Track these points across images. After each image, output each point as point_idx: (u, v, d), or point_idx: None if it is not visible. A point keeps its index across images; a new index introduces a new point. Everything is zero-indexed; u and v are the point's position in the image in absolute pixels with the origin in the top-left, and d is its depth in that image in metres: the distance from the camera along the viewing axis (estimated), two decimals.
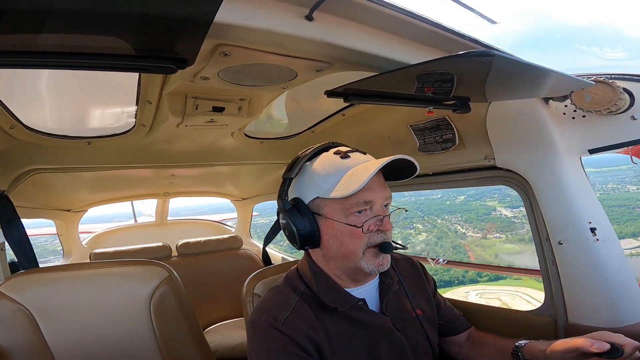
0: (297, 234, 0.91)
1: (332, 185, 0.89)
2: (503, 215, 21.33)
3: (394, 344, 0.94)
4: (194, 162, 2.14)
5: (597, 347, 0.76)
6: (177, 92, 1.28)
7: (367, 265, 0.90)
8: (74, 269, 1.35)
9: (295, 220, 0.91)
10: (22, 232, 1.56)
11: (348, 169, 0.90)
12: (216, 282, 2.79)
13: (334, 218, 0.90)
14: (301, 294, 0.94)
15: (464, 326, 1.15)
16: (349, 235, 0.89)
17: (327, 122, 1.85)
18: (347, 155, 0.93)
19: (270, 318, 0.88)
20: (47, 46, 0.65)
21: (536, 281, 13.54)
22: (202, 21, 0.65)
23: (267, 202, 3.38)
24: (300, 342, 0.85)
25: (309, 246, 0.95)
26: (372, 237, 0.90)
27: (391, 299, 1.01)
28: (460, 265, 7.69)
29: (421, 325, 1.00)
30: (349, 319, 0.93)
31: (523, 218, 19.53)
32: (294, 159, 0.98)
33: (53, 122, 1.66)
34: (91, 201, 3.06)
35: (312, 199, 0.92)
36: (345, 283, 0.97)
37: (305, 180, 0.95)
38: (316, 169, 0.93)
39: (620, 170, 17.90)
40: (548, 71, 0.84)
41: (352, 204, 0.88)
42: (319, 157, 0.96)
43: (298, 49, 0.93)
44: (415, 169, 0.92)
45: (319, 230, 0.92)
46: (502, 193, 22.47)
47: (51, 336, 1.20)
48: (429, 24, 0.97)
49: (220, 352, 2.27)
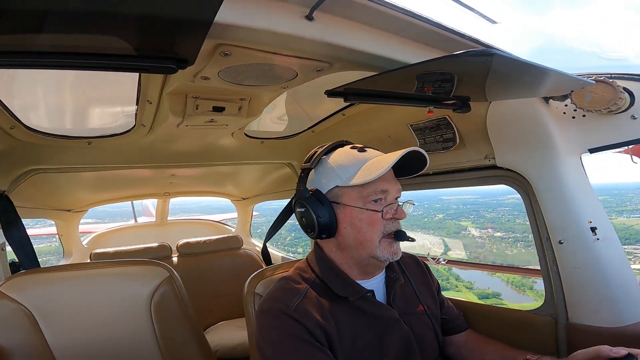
0: (316, 222, 0.94)
1: (352, 174, 0.93)
2: (470, 235, 23.50)
3: (401, 336, 0.95)
4: (194, 162, 2.14)
5: (615, 351, 0.79)
6: (177, 92, 1.28)
7: (383, 253, 0.93)
8: (75, 269, 1.35)
9: (315, 207, 0.94)
10: (23, 232, 1.56)
11: (367, 160, 0.95)
12: (216, 282, 2.79)
13: (353, 205, 0.93)
14: (312, 284, 0.96)
15: (463, 326, 1.16)
16: (367, 223, 0.93)
17: (327, 121, 1.85)
18: (364, 149, 0.99)
19: (282, 305, 0.89)
20: (47, 46, 0.65)
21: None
22: (202, 21, 0.65)
23: (267, 202, 3.39)
24: (311, 330, 0.86)
25: (325, 235, 0.96)
26: (387, 225, 0.94)
27: (397, 292, 1.03)
28: (460, 265, 7.70)
29: (430, 319, 1.02)
30: (358, 310, 0.94)
31: (487, 239, 22.35)
32: (310, 152, 1.02)
33: (53, 122, 1.66)
34: (91, 201, 3.06)
35: (331, 188, 0.96)
36: (354, 275, 0.99)
37: (323, 171, 0.98)
38: (335, 160, 0.98)
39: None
40: (548, 70, 0.84)
41: (370, 192, 0.92)
42: (335, 151, 1.01)
43: (298, 49, 0.93)
44: (424, 166, 0.97)
45: (336, 219, 0.94)
46: (479, 214, 25.25)
47: (52, 336, 1.20)
48: (429, 23, 0.97)
49: (220, 351, 2.27)
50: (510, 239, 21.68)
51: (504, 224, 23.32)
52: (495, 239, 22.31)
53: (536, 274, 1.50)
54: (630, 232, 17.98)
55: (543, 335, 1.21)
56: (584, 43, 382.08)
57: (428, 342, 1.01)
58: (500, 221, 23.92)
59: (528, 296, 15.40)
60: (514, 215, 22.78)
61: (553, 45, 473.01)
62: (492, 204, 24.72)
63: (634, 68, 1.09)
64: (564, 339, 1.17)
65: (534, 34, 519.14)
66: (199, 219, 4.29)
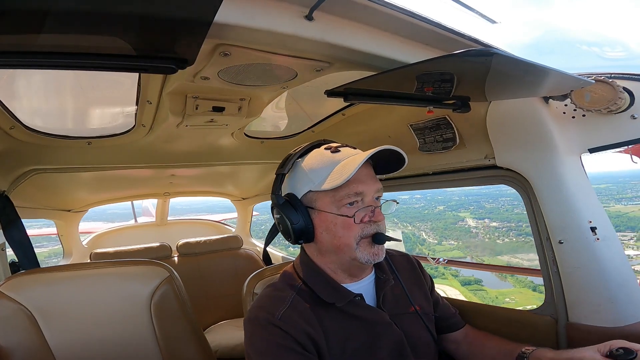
0: (290, 228, 0.92)
1: (323, 178, 0.91)
2: (467, 225, 23.94)
3: (393, 339, 0.94)
4: (194, 162, 2.14)
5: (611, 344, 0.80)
6: (177, 92, 1.28)
7: (362, 255, 0.91)
8: (75, 269, 1.35)
9: (288, 214, 0.92)
10: (23, 232, 1.56)
11: (338, 162, 0.92)
12: (216, 282, 2.80)
13: (326, 210, 0.91)
14: (298, 290, 0.95)
15: (460, 324, 1.16)
16: (342, 227, 0.90)
17: (327, 121, 1.85)
18: (338, 150, 0.95)
19: (267, 314, 0.88)
20: (47, 46, 0.65)
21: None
22: (202, 21, 0.65)
23: (267, 202, 3.38)
24: (297, 338, 0.85)
25: (303, 240, 0.95)
26: (365, 228, 0.91)
27: (388, 294, 1.01)
28: (460, 265, 7.70)
29: (422, 319, 1.01)
30: (347, 314, 0.93)
31: (482, 229, 22.85)
32: (286, 156, 1.00)
33: (53, 122, 1.66)
34: (91, 201, 3.06)
35: (305, 193, 0.94)
36: (341, 278, 0.97)
37: (297, 175, 0.96)
38: (308, 164, 0.95)
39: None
40: (548, 70, 0.84)
41: (343, 195, 0.90)
42: (310, 153, 0.98)
43: (298, 49, 0.93)
44: (404, 160, 0.94)
45: (312, 224, 0.93)
46: (479, 205, 25.79)
47: (52, 336, 1.20)
48: (428, 23, 0.97)
49: (220, 351, 2.27)
50: (504, 228, 22.13)
51: (502, 214, 23.75)
52: (490, 229, 22.72)
53: (536, 273, 1.50)
54: (622, 220, 18.46)
55: (543, 335, 1.21)
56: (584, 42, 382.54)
57: (422, 343, 1.00)
58: (499, 212, 24.31)
59: (508, 282, 16.42)
60: (514, 205, 23.09)
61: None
62: (494, 194, 25.08)
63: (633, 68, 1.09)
64: (564, 339, 1.17)
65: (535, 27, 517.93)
66: (198, 219, 4.29)
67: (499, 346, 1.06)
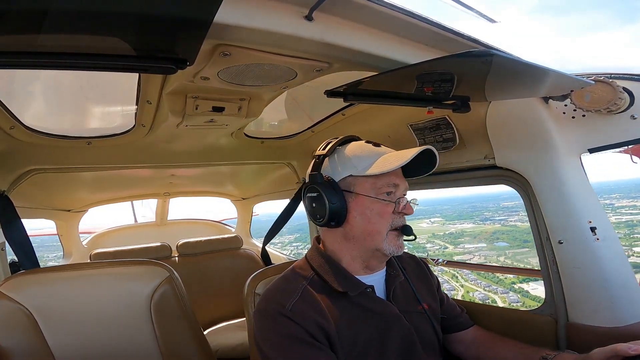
0: (328, 207, 0.93)
1: (368, 164, 0.95)
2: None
3: (403, 332, 0.95)
4: (194, 162, 2.14)
5: (635, 349, 0.77)
6: (177, 92, 1.28)
7: (389, 246, 0.94)
8: (74, 269, 1.35)
9: (328, 193, 0.94)
10: (23, 232, 1.56)
11: (382, 153, 0.97)
12: (216, 282, 2.79)
13: (366, 194, 0.94)
14: (310, 281, 0.96)
15: (467, 324, 1.16)
16: (377, 213, 0.94)
17: (327, 121, 1.85)
18: (379, 145, 1.02)
19: (278, 305, 0.89)
20: (47, 46, 0.65)
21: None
22: (201, 21, 0.65)
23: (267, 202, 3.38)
24: (308, 329, 0.85)
25: (334, 222, 0.96)
26: (395, 219, 0.96)
27: (397, 289, 1.03)
28: (460, 266, 7.69)
29: (429, 318, 1.02)
30: (358, 305, 0.94)
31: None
32: (324, 142, 1.03)
33: (53, 122, 1.66)
34: (91, 201, 3.06)
35: (344, 177, 0.96)
36: (355, 269, 0.99)
37: (338, 160, 0.99)
38: (352, 150, 0.99)
39: None
40: (548, 70, 0.84)
41: (384, 183, 0.95)
42: (350, 143, 1.02)
43: (298, 49, 0.93)
44: (432, 168, 0.99)
45: (347, 207, 0.95)
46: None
47: (51, 336, 1.20)
48: (428, 23, 0.97)
49: (220, 352, 2.27)
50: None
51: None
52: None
53: (536, 274, 1.50)
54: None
55: (543, 335, 1.21)
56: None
57: (428, 340, 1.01)
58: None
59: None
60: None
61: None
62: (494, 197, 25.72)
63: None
64: (564, 339, 1.17)
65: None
66: (198, 219, 4.28)
67: (514, 350, 1.04)
